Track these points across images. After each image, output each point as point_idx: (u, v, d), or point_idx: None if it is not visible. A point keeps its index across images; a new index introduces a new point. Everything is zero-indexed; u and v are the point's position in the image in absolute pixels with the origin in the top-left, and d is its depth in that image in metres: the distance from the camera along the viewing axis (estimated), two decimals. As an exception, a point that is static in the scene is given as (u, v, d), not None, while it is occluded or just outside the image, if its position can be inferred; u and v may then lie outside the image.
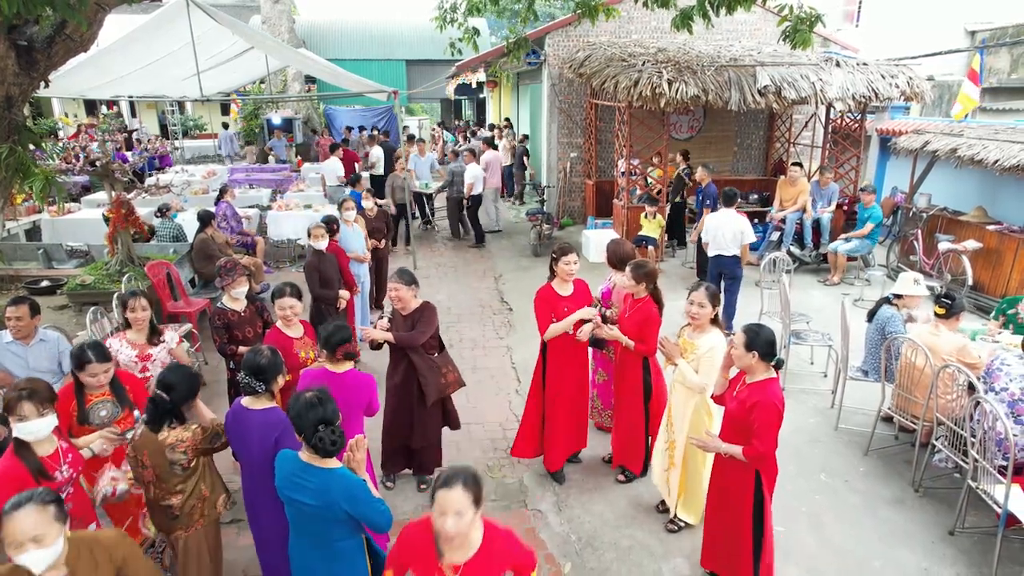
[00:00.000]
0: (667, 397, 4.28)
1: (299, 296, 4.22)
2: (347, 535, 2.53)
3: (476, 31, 8.01)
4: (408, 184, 10.37)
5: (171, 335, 4.28)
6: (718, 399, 3.47)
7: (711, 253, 7.23)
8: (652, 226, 9.03)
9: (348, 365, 3.50)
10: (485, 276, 9.47)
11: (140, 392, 3.61)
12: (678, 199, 10.15)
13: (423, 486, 4.56)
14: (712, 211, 8.30)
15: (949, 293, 4.56)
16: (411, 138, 13.38)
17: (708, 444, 3.27)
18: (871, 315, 5.26)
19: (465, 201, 11.07)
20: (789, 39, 5.50)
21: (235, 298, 4.54)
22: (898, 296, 5.09)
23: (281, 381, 3.10)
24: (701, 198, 8.81)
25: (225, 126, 19.23)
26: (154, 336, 4.17)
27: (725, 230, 6.99)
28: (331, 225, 6.18)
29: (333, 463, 2.53)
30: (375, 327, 4.23)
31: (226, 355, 4.52)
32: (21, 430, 2.77)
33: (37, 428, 2.80)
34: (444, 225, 12.22)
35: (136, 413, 3.56)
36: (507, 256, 10.45)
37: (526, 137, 14.36)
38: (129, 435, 3.21)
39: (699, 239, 8.37)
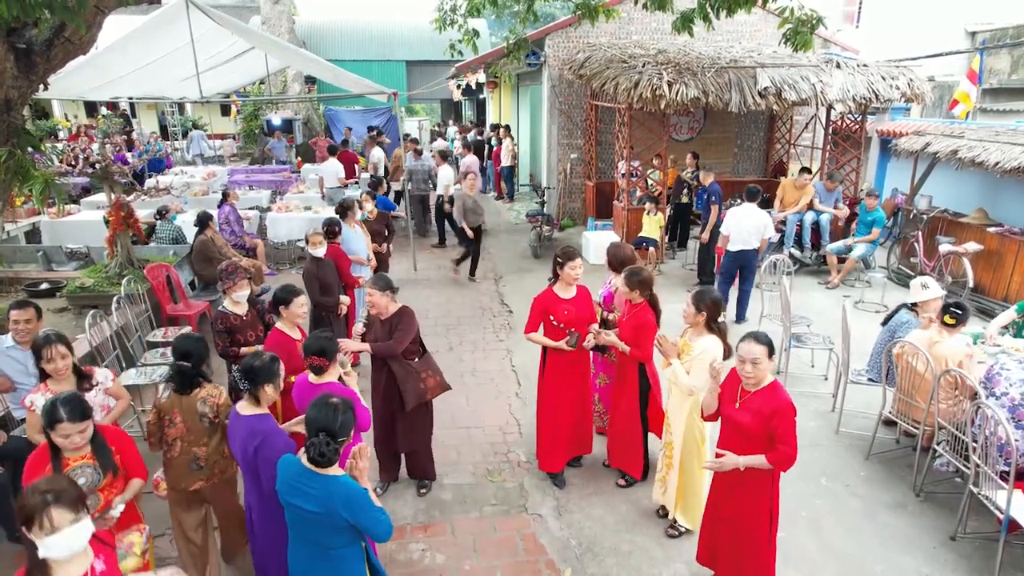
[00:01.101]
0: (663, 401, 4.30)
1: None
2: (346, 543, 2.52)
3: (476, 33, 7.99)
4: (477, 205, 9.03)
5: (103, 373, 3.68)
6: (711, 417, 3.44)
7: (734, 248, 7.38)
8: (652, 225, 9.02)
9: (330, 376, 3.44)
10: (485, 278, 9.45)
11: (129, 453, 3.07)
12: (685, 200, 10.14)
13: (423, 490, 4.54)
14: (717, 208, 8.36)
15: (960, 303, 4.52)
16: (406, 137, 13.46)
17: (725, 463, 3.18)
18: (887, 319, 5.24)
19: (445, 203, 10.95)
20: (790, 42, 5.49)
21: (237, 302, 4.52)
22: (916, 304, 5.08)
23: (270, 391, 3.04)
24: (706, 197, 8.78)
25: (195, 126, 19.11)
26: (83, 381, 3.53)
27: (747, 224, 7.27)
28: (332, 228, 6.16)
29: (335, 470, 2.51)
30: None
31: (228, 358, 4.50)
32: (53, 547, 2.06)
33: (72, 540, 2.11)
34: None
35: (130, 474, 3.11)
36: (507, 258, 10.44)
37: None
38: (114, 513, 2.90)
39: (708, 238, 8.40)
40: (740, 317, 7.58)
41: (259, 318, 4.60)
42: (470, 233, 8.86)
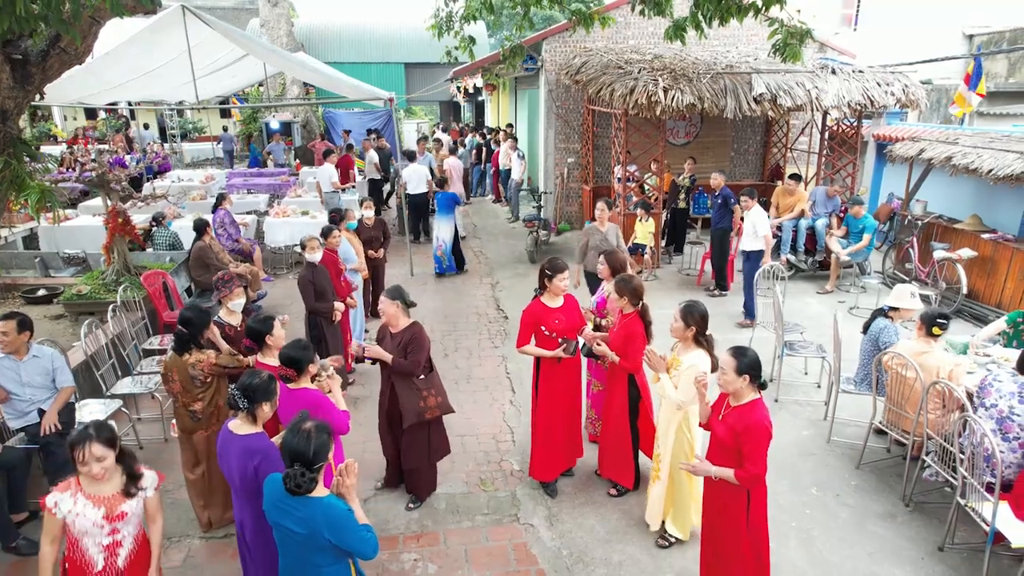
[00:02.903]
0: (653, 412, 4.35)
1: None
2: (332, 561, 2.53)
3: (472, 40, 8.00)
4: (607, 243, 6.61)
5: (151, 477, 2.95)
6: (705, 426, 3.47)
7: (756, 248, 7.53)
8: (644, 232, 9.03)
9: (304, 383, 3.53)
10: (481, 283, 9.48)
11: None
12: (682, 205, 10.15)
13: (411, 506, 4.55)
14: (728, 209, 8.49)
15: (945, 314, 4.56)
16: (437, 142, 13.83)
17: (698, 468, 3.25)
18: (866, 327, 5.27)
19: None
20: (779, 53, 5.51)
21: (232, 311, 4.53)
22: (894, 308, 5.10)
23: (267, 409, 3.06)
24: (720, 201, 8.62)
25: (146, 126, 18.83)
26: (132, 483, 2.84)
27: (763, 223, 7.54)
28: (330, 231, 6.19)
29: (320, 491, 2.53)
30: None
31: None
32: None
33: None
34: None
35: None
36: (503, 262, 10.46)
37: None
38: None
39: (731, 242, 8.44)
40: (750, 317, 7.62)
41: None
42: (574, 281, 6.47)
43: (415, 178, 10.83)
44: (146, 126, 19.10)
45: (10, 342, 4.16)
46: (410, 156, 11.45)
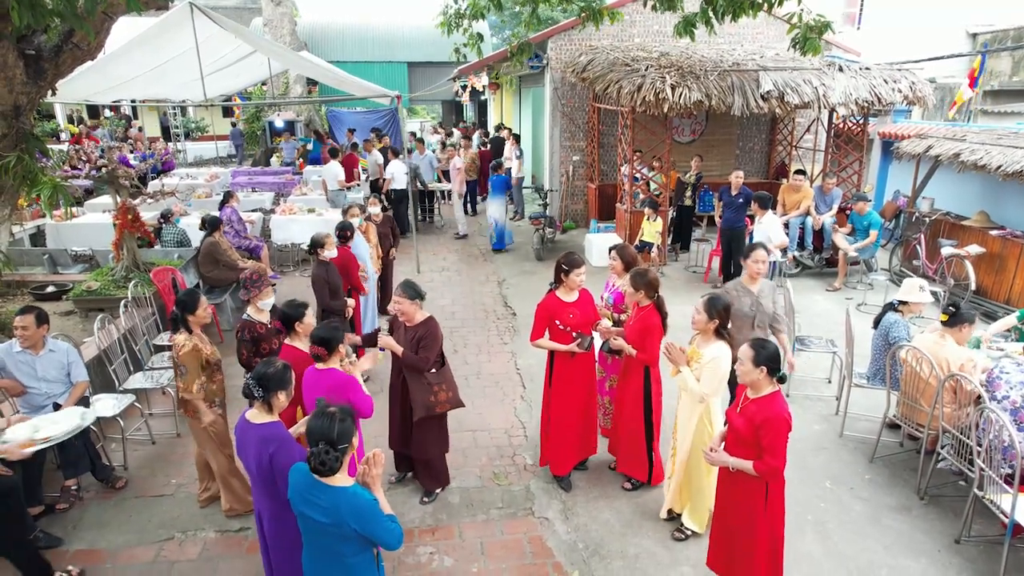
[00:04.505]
0: (664, 406, 4.38)
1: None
2: (358, 551, 2.53)
3: (480, 37, 8.01)
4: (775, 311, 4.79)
5: None
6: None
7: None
8: (651, 230, 9.03)
9: (333, 363, 3.56)
10: (488, 281, 9.48)
11: None
12: (688, 203, 10.14)
13: (425, 499, 4.55)
14: (747, 209, 8.34)
15: (955, 302, 4.56)
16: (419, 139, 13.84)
17: (715, 459, 3.26)
18: (877, 321, 5.27)
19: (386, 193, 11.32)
20: (799, 47, 5.51)
21: (261, 309, 4.39)
22: (903, 303, 5.11)
23: (283, 398, 3.04)
24: (740, 201, 8.53)
25: (95, 126, 18.64)
26: None
27: (777, 232, 7.33)
28: (344, 232, 6.18)
29: (344, 481, 2.52)
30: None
31: (250, 369, 4.20)
32: None
33: None
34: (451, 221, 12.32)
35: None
36: (510, 260, 10.46)
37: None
38: None
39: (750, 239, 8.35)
40: None
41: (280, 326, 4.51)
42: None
43: (399, 174, 10.92)
44: (140, 128, 19.05)
45: (29, 336, 4.17)
46: (395, 152, 11.51)
